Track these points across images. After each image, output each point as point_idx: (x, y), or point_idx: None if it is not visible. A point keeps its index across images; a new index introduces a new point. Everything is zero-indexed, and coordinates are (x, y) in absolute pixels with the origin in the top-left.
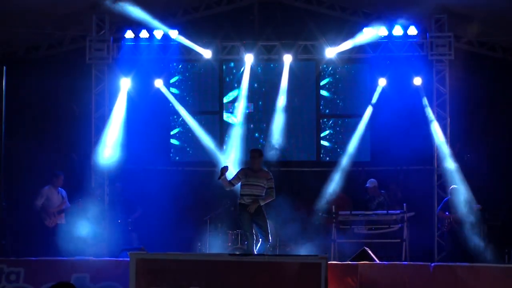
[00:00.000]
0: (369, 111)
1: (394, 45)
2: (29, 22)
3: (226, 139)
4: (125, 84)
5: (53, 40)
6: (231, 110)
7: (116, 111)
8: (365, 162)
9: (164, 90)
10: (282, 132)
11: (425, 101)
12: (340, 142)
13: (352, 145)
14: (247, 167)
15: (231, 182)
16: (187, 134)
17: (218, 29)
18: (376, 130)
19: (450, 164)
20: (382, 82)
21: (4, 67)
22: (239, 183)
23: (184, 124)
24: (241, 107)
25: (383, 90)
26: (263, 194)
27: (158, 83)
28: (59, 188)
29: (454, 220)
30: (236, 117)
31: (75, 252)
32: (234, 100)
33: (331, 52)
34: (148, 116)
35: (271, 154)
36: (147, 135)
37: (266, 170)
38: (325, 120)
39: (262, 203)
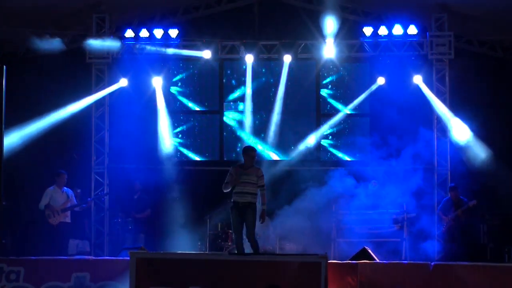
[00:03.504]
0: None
1: (394, 44)
2: (30, 22)
3: (225, 138)
4: (122, 83)
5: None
6: (232, 108)
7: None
8: (365, 161)
9: (164, 89)
10: (282, 132)
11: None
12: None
13: None
14: (238, 164)
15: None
16: (187, 133)
17: (218, 29)
18: (376, 130)
19: None
20: (381, 81)
21: (4, 67)
22: (227, 181)
23: (184, 123)
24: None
25: (383, 89)
26: (255, 192)
27: (158, 82)
28: (65, 187)
29: (453, 219)
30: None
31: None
32: (236, 99)
33: (330, 51)
34: (147, 115)
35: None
36: (147, 134)
37: (257, 166)
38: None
39: (264, 207)
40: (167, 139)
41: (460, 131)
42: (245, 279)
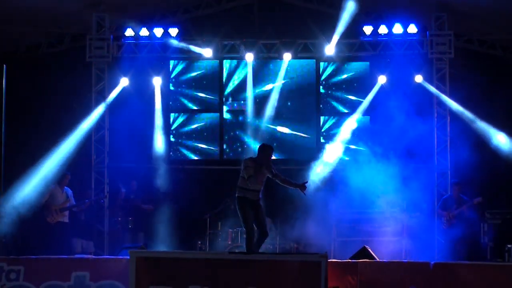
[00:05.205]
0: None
1: (394, 43)
2: (30, 21)
3: (226, 137)
4: (124, 83)
5: (53, 38)
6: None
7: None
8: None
9: (164, 88)
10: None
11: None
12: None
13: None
14: (251, 158)
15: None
16: (186, 132)
17: (219, 28)
18: (376, 128)
19: None
20: (382, 79)
21: (4, 66)
22: (250, 174)
23: (183, 122)
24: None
25: (383, 89)
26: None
27: (158, 81)
28: (65, 187)
29: (453, 217)
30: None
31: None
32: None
33: (331, 51)
34: (147, 114)
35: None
36: (147, 133)
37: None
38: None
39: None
40: (167, 138)
41: (499, 137)
42: (245, 279)
